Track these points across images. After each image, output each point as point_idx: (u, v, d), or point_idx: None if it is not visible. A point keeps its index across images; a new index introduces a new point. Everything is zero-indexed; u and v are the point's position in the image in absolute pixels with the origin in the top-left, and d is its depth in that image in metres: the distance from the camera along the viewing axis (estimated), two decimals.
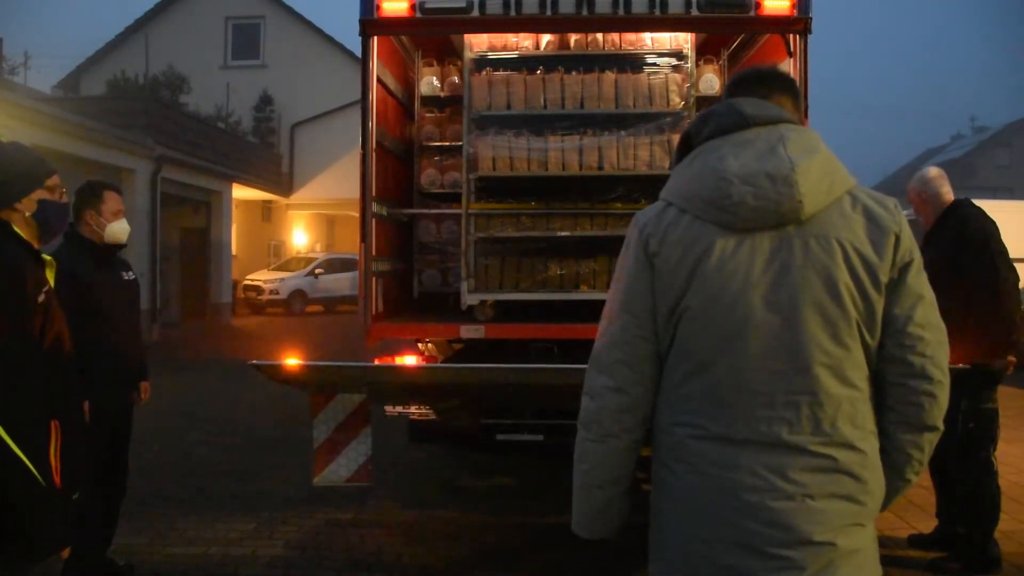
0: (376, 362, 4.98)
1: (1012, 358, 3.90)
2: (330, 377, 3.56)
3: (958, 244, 3.99)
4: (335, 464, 3.61)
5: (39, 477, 2.00)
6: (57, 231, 2.44)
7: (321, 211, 26.47)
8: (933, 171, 4.30)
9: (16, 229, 2.22)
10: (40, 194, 2.31)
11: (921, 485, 5.06)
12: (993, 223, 4.04)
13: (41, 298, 2.15)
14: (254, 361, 3.18)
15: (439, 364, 4.98)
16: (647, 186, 5.18)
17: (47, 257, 2.30)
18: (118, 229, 3.65)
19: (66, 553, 2.15)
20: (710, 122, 1.63)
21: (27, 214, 2.28)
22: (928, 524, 4.47)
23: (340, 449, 3.60)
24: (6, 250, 2.14)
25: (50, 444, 2.11)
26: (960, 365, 3.70)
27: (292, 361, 3.34)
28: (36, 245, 2.33)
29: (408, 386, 3.47)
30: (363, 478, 3.65)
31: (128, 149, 13.83)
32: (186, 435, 7.06)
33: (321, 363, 3.66)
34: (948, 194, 4.20)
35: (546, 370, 3.56)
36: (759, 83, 1.72)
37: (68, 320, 3.44)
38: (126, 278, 3.81)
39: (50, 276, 2.31)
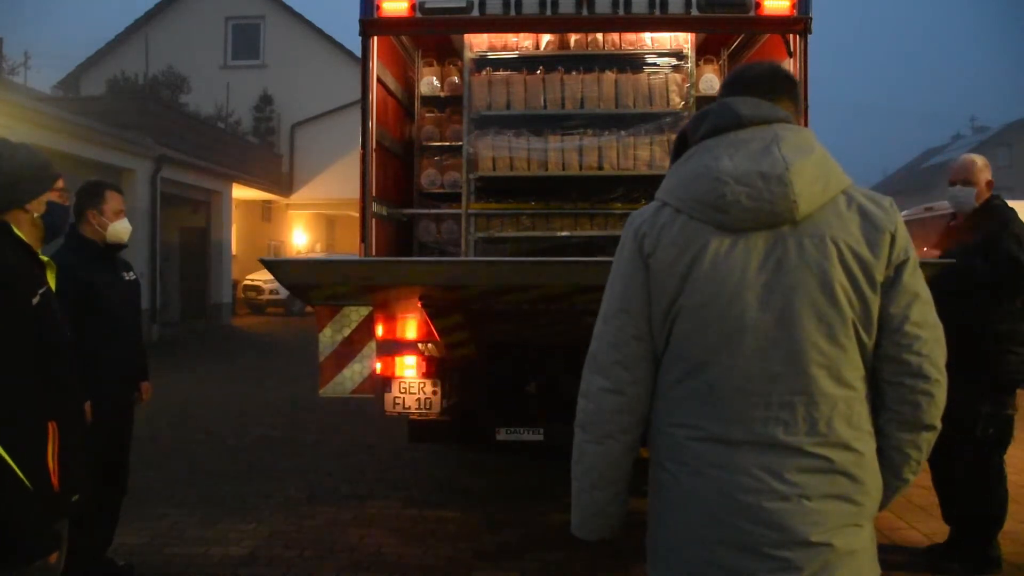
0: (377, 362, 4.99)
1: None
2: (333, 274, 3.57)
3: (986, 248, 3.78)
4: (340, 377, 3.70)
5: (25, 480, 1.98)
6: (60, 232, 2.45)
7: (321, 211, 26.47)
8: (981, 162, 4.04)
9: (15, 230, 2.22)
10: (49, 196, 2.33)
11: (921, 485, 5.06)
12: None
13: (36, 300, 2.14)
14: (263, 258, 3.25)
15: (445, 259, 4.94)
16: (647, 186, 5.19)
17: (45, 258, 2.30)
18: (120, 228, 3.66)
19: (54, 558, 2.12)
20: (705, 121, 1.63)
21: (36, 215, 2.29)
22: (928, 524, 4.47)
23: (345, 363, 3.69)
24: (2, 252, 2.14)
25: (47, 446, 2.10)
26: (942, 259, 3.65)
27: (298, 259, 3.41)
28: (39, 246, 2.33)
29: (410, 282, 3.46)
30: (367, 390, 3.74)
31: (128, 149, 13.83)
32: (186, 435, 7.06)
33: (324, 259, 3.73)
34: (986, 189, 3.95)
35: (563, 265, 3.54)
36: (756, 81, 1.70)
37: (70, 320, 3.45)
38: (127, 278, 3.81)
39: (50, 277, 2.31)
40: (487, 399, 4.97)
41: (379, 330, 3.91)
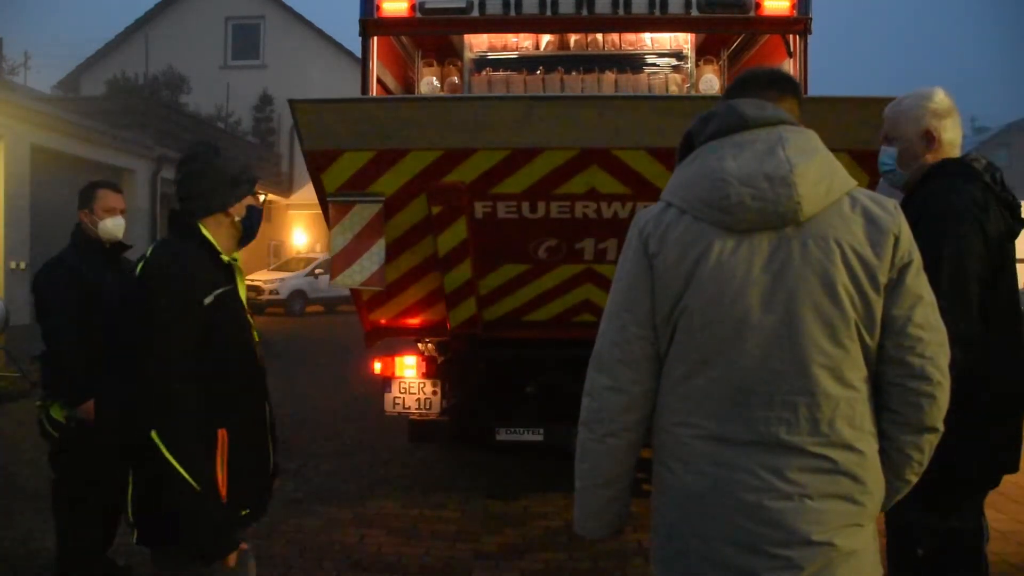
0: (376, 363, 4.99)
1: None
2: (358, 113, 3.72)
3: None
4: (350, 270, 3.90)
5: (193, 483, 1.98)
6: (254, 235, 2.37)
7: (321, 211, 26.50)
8: (938, 99, 2.47)
9: (205, 232, 2.20)
10: (249, 200, 2.30)
11: None
12: (970, 206, 2.29)
13: (208, 300, 2.11)
14: (292, 98, 3.44)
15: (458, 96, 5.07)
16: None
17: (226, 258, 2.24)
18: (111, 225, 3.65)
19: (232, 560, 2.08)
20: (711, 123, 1.64)
21: (236, 219, 2.27)
22: None
23: (355, 257, 3.88)
24: (179, 256, 2.11)
25: (216, 454, 2.08)
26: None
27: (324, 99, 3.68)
28: (233, 249, 2.30)
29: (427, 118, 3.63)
30: (376, 283, 3.91)
31: (128, 149, 13.85)
32: None
33: (346, 98, 3.92)
34: (943, 145, 2.46)
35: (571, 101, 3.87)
36: (762, 84, 1.73)
37: (75, 320, 3.45)
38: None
39: (241, 285, 2.27)
40: (487, 399, 4.97)
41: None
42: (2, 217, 10.30)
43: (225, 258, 2.24)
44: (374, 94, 4.96)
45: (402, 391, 4.91)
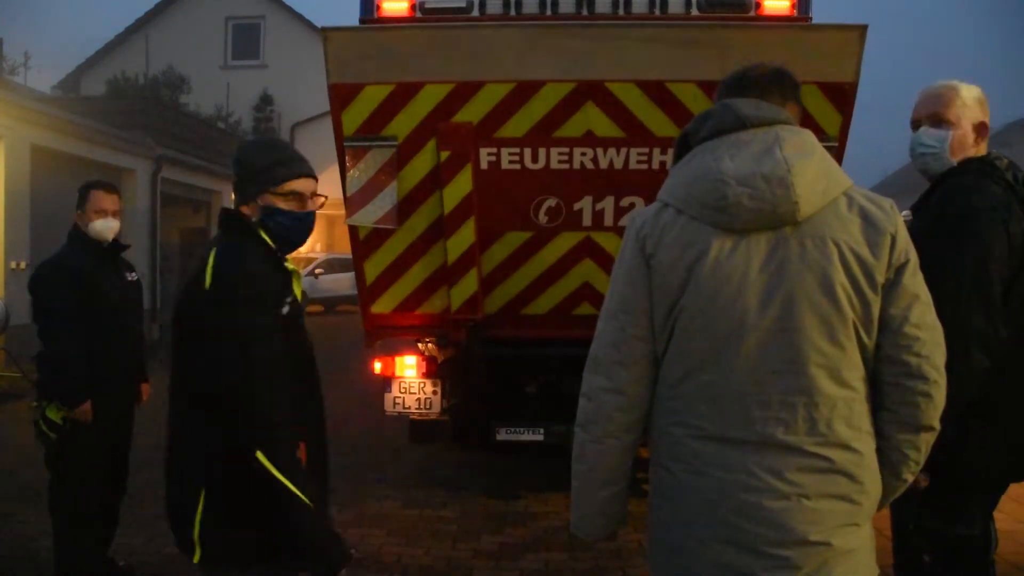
0: (376, 362, 4.99)
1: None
2: (377, 40, 3.98)
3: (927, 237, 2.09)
4: (365, 210, 4.13)
5: (306, 500, 1.92)
6: (295, 243, 2.18)
7: (321, 211, 26.38)
8: (968, 93, 2.38)
9: (263, 235, 2.07)
10: (273, 201, 2.09)
11: None
12: (993, 205, 2.22)
13: (285, 310, 2.03)
14: (323, 26, 3.64)
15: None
16: None
17: (290, 266, 2.13)
18: (100, 227, 3.63)
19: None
20: (708, 122, 1.64)
21: (253, 218, 2.10)
22: None
23: (369, 198, 4.10)
24: (249, 256, 1.99)
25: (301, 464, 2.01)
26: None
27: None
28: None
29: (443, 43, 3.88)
30: (389, 221, 4.13)
31: (128, 149, 13.82)
32: None
33: (372, 26, 4.18)
34: (983, 142, 2.40)
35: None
36: (757, 83, 1.70)
37: (75, 320, 3.45)
38: (129, 279, 3.82)
39: (296, 288, 2.15)
40: (487, 399, 4.97)
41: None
42: (2, 217, 10.29)
43: (290, 266, 2.14)
44: None
45: (402, 391, 4.91)
